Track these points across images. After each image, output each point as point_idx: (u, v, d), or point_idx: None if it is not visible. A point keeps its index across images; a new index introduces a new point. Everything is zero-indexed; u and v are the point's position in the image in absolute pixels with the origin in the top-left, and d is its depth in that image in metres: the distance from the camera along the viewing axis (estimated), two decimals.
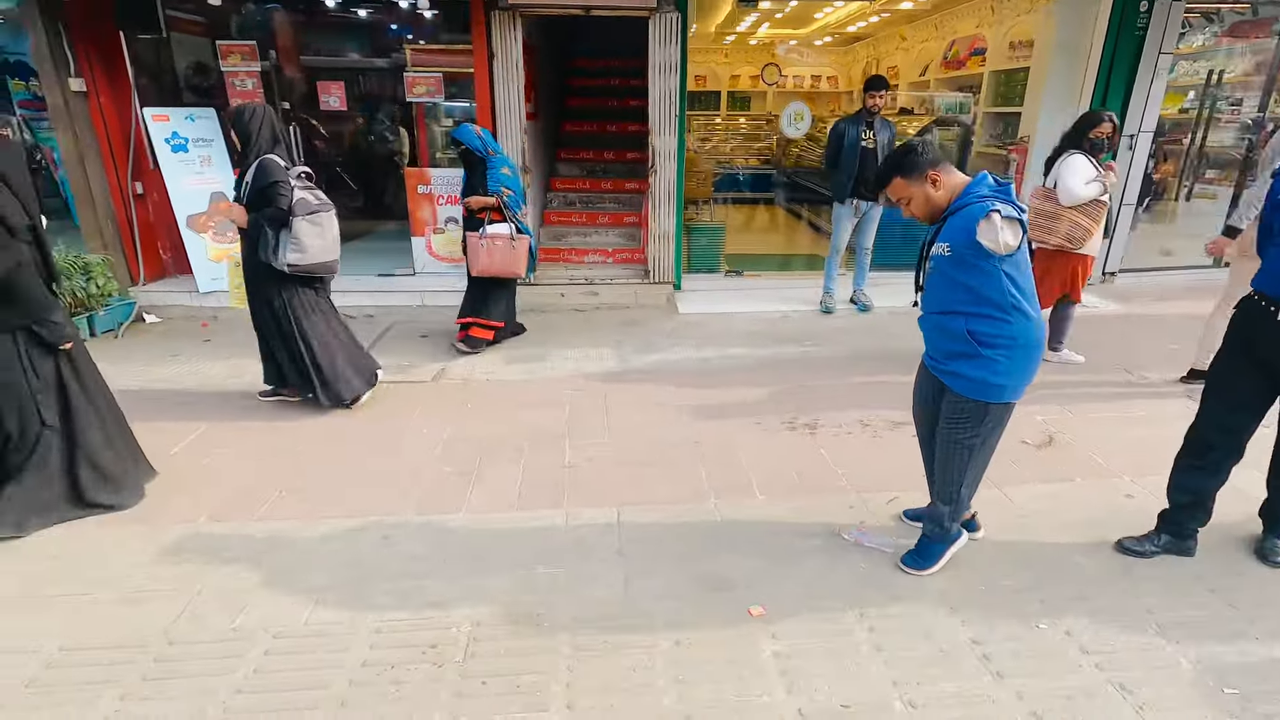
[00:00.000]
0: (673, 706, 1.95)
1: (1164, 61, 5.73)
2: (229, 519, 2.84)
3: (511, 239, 4.50)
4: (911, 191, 2.21)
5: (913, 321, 5.52)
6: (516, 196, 4.54)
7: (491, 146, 4.50)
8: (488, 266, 4.52)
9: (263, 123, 3.38)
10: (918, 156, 2.18)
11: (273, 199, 3.32)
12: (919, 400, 2.60)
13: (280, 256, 3.41)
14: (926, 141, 2.26)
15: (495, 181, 4.45)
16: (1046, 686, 2.01)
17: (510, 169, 4.57)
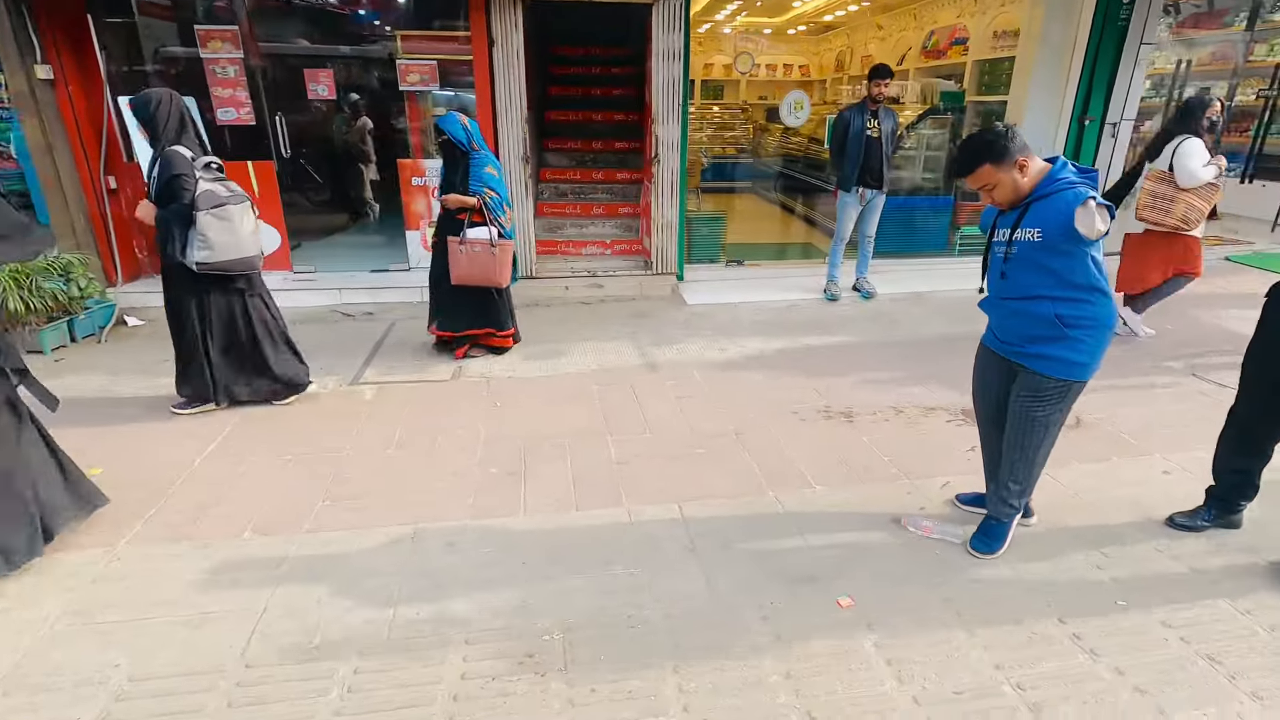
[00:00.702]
0: (790, 703, 1.94)
1: (1144, 52, 5.94)
2: (275, 532, 2.70)
3: (492, 245, 4.08)
4: (999, 178, 2.21)
5: (915, 307, 5.65)
6: (501, 199, 4.14)
7: (477, 141, 4.09)
8: (467, 274, 4.12)
9: (170, 111, 3.20)
10: (1009, 142, 2.18)
11: (176, 194, 3.15)
12: (982, 385, 2.62)
13: (189, 255, 3.23)
14: (1012, 128, 2.27)
15: (478, 181, 4.05)
16: (1141, 661, 2.07)
17: (495, 169, 4.16)
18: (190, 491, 2.97)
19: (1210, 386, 4.06)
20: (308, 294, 5.58)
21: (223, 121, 5.40)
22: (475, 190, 4.05)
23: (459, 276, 4.14)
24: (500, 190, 4.15)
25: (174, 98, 3.26)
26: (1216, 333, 4.88)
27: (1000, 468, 2.55)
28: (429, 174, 5.79)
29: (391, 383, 4.12)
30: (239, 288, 3.51)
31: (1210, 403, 3.83)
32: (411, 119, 5.87)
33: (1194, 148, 4.09)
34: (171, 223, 3.21)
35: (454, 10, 5.34)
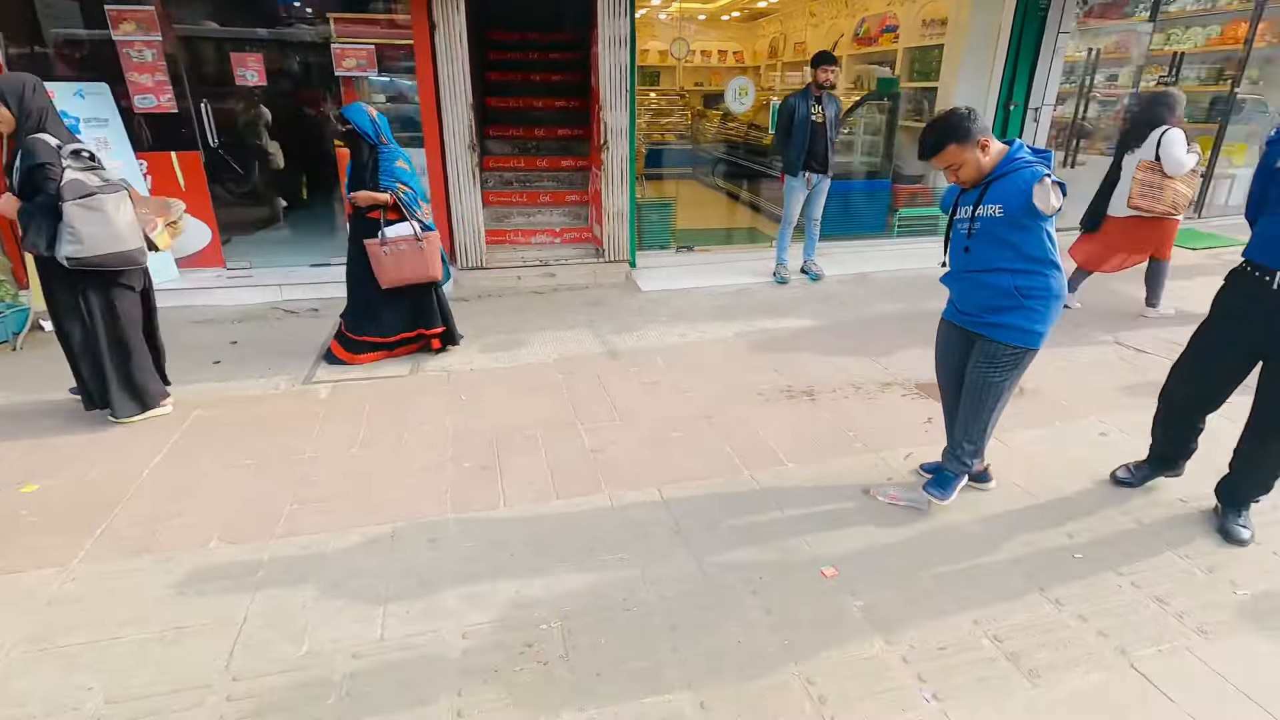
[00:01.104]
0: (795, 671, 2.01)
1: (1062, 41, 6.30)
2: (244, 539, 2.59)
3: (418, 238, 3.90)
4: (965, 157, 2.33)
5: (860, 288, 5.85)
6: (415, 194, 3.95)
7: (385, 134, 3.87)
8: (396, 276, 3.91)
9: (34, 95, 2.97)
10: (971, 124, 2.30)
11: (40, 185, 2.94)
12: (944, 357, 2.76)
13: (58, 250, 3.01)
14: (974, 110, 2.38)
15: (388, 176, 3.84)
16: (1099, 608, 2.25)
17: (406, 162, 3.95)
18: (142, 503, 2.81)
19: (1130, 353, 4.39)
20: (245, 291, 5.31)
21: (141, 109, 5.05)
22: (387, 186, 3.83)
23: (389, 280, 3.92)
24: (414, 185, 3.95)
25: (38, 81, 3.01)
26: (1134, 304, 5.26)
27: (955, 428, 2.70)
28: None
29: (347, 380, 3.98)
30: (125, 284, 3.25)
31: (1132, 368, 4.14)
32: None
33: (1178, 137, 4.37)
34: (35, 216, 2.94)
35: None
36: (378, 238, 3.87)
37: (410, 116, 5.85)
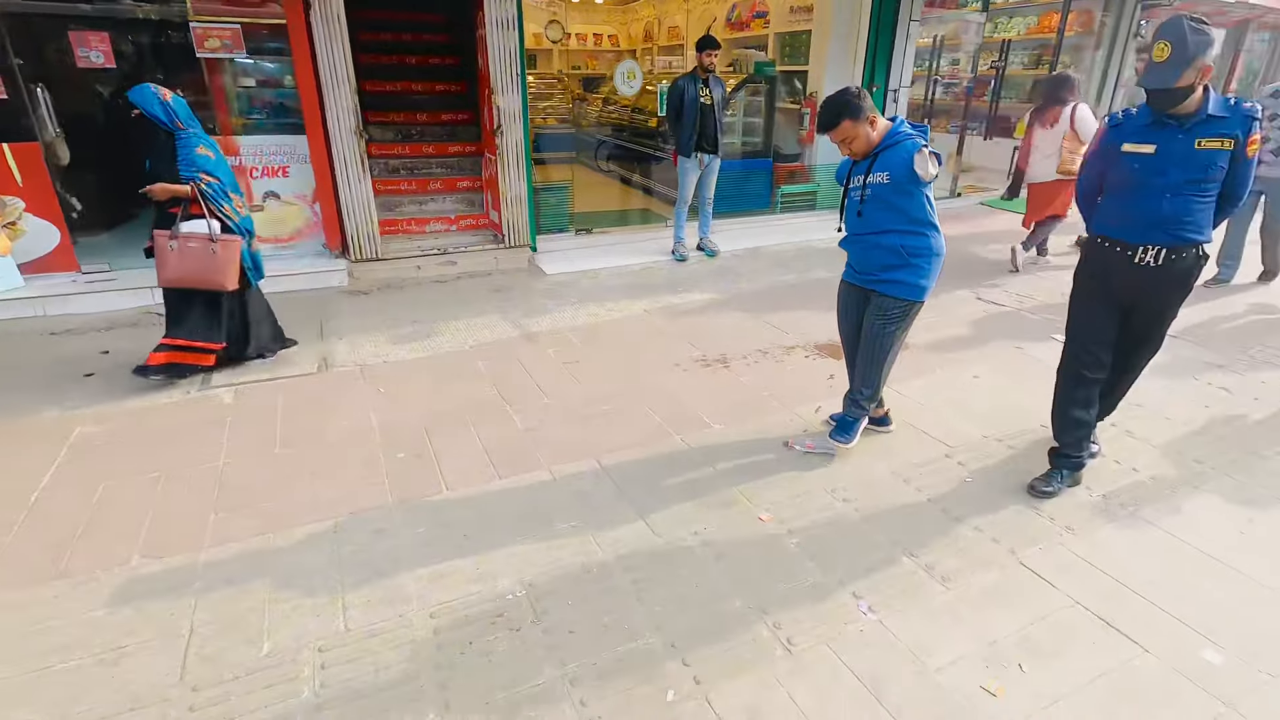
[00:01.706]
0: (750, 605, 2.21)
1: (913, 29, 6.92)
2: (172, 552, 2.45)
3: (212, 239, 3.48)
4: (857, 131, 2.60)
5: (754, 261, 6.19)
6: (223, 185, 3.54)
7: (182, 118, 3.45)
8: (177, 275, 3.49)
9: None
10: (861, 101, 2.57)
11: None
12: (844, 315, 3.05)
13: None
14: (863, 89, 2.66)
15: (188, 165, 3.43)
16: (990, 520, 2.62)
17: (211, 149, 3.54)
18: (39, 528, 2.57)
19: (990, 306, 4.99)
20: (109, 296, 4.83)
21: None
22: (187, 176, 3.43)
23: (168, 278, 3.51)
24: (222, 175, 3.56)
25: None
26: (984, 264, 5.95)
27: (855, 376, 3.01)
28: (244, 151, 5.24)
29: (250, 383, 3.77)
30: None
31: (991, 320, 4.72)
32: (215, 91, 5.22)
33: (1086, 112, 5.16)
34: None
35: None
36: (171, 229, 3.47)
37: (284, 102, 5.52)
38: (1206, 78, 2.26)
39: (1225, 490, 2.81)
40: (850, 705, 1.87)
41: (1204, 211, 2.42)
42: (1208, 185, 2.38)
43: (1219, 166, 2.34)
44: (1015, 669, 1.98)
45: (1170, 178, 2.37)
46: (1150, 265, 2.46)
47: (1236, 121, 2.30)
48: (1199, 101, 2.29)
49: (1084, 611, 2.19)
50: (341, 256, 5.54)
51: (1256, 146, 2.35)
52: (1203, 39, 2.19)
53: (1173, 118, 2.33)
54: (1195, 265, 2.49)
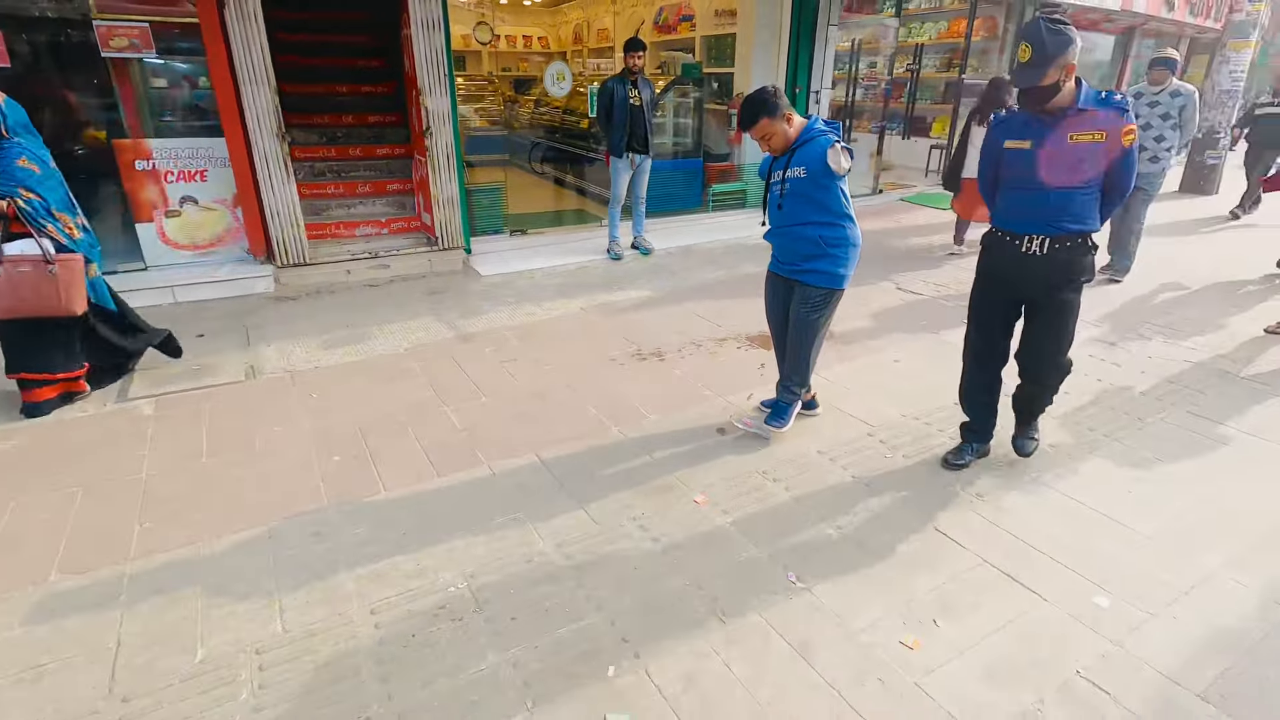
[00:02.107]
0: (687, 581, 2.30)
1: (832, 33, 7.21)
2: (93, 567, 2.36)
3: (48, 260, 3.11)
4: (775, 129, 2.74)
5: (686, 259, 6.33)
6: (46, 203, 3.15)
7: (9, 126, 3.09)
8: (15, 305, 3.11)
9: None
10: (778, 100, 2.72)
11: None
12: (771, 305, 3.20)
13: None
14: (779, 89, 2.80)
15: (8, 179, 3.06)
16: (908, 490, 2.80)
17: (35, 161, 3.15)
18: None
19: (909, 295, 5.27)
20: None
21: None
22: (5, 192, 3.06)
23: (4, 309, 3.12)
24: (46, 192, 3.17)
25: None
26: (904, 254, 6.26)
27: (784, 364, 3.16)
28: (158, 155, 5.03)
29: (173, 393, 3.64)
30: None
31: (909, 308, 4.99)
32: (123, 92, 4.99)
33: None
34: None
35: None
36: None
37: (199, 104, 5.32)
38: (1071, 74, 2.37)
39: (1115, 454, 3.08)
40: (781, 668, 1.98)
41: (1084, 203, 2.52)
42: (1085, 177, 2.47)
43: (1093, 159, 2.45)
44: (930, 624, 2.14)
45: (1046, 171, 2.49)
46: (1036, 254, 2.59)
47: (1106, 115, 2.42)
48: (1070, 97, 2.41)
49: (991, 569, 2.38)
50: (267, 262, 5.38)
51: (1132, 137, 2.43)
52: (1061, 38, 2.31)
53: (1046, 114, 2.46)
54: (1081, 255, 2.58)
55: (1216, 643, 2.08)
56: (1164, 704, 1.88)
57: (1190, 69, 14.03)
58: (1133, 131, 2.44)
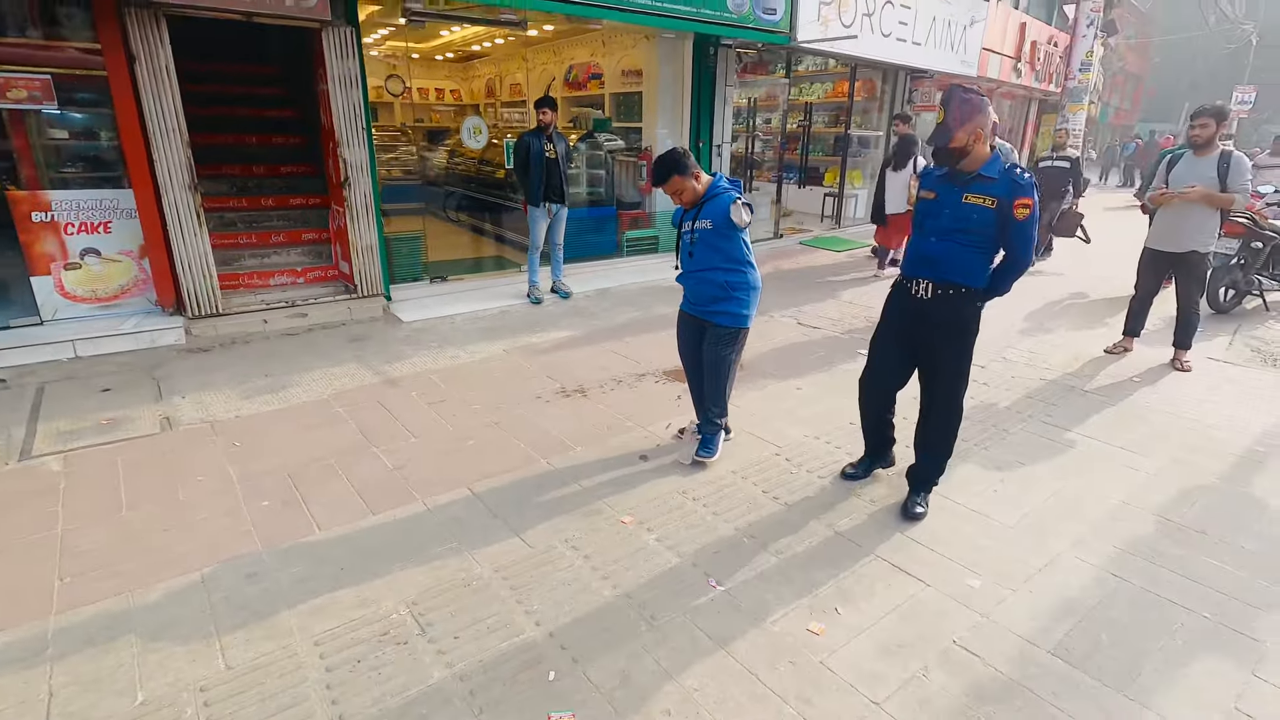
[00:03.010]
0: (618, 593, 2.50)
1: (729, 92, 7.86)
2: (11, 624, 2.31)
3: None
4: (685, 185, 3.09)
5: (604, 301, 6.65)
6: None
7: None
8: None
9: None
10: (688, 160, 3.07)
11: None
12: (683, 341, 3.51)
13: None
14: (687, 150, 3.17)
15: None
16: (816, 502, 3.13)
17: None
18: None
19: (809, 329, 5.76)
20: None
21: None
22: None
23: None
24: None
25: None
26: (804, 294, 6.82)
27: (704, 398, 3.47)
28: (57, 207, 4.89)
29: (82, 448, 3.54)
30: None
31: (808, 339, 5.46)
32: (19, 143, 4.85)
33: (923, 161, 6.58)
34: None
35: (71, 19, 4.61)
36: None
37: (101, 156, 5.21)
38: (980, 140, 2.60)
39: (983, 460, 3.55)
40: (705, 660, 2.21)
41: (971, 258, 2.70)
42: (971, 236, 2.66)
43: (981, 221, 2.63)
44: (833, 612, 2.43)
45: (940, 222, 2.73)
46: (923, 298, 2.82)
47: (1002, 185, 2.59)
48: (979, 162, 2.63)
49: (882, 562, 2.71)
50: (176, 313, 5.27)
51: (1025, 211, 2.56)
52: (968, 108, 2.58)
53: (958, 173, 2.69)
54: (963, 305, 2.76)
55: (1063, 610, 2.47)
56: (1023, 661, 2.23)
57: (1042, 128, 15.96)
58: (1027, 205, 2.57)
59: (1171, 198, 4.62)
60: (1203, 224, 4.64)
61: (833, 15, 7.76)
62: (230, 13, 4.89)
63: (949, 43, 9.94)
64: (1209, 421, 4.05)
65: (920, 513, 3.01)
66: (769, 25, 7.09)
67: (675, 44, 7.60)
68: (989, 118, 2.62)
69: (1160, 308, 5.07)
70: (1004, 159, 2.66)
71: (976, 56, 10.74)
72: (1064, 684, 2.14)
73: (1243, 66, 25.69)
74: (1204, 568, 2.72)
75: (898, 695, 2.09)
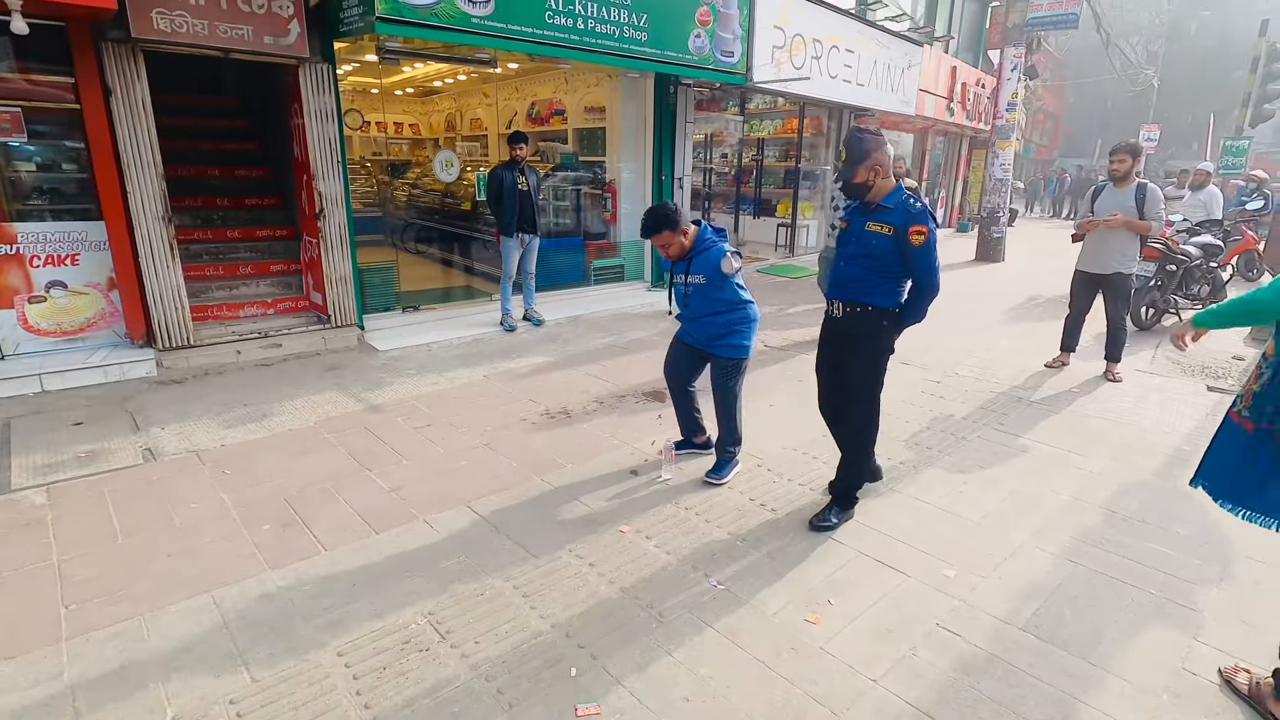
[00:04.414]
0: (627, 594, 2.64)
1: (689, 128, 8.24)
2: (21, 652, 2.30)
3: None
4: (674, 239, 3.30)
5: (576, 327, 6.82)
6: None
7: None
8: None
9: None
10: (677, 216, 3.28)
11: None
12: (674, 365, 3.69)
13: None
14: (677, 206, 3.37)
15: None
16: (794, 507, 3.34)
17: None
18: None
19: (774, 350, 6.04)
20: None
21: None
22: None
23: None
24: None
25: None
26: (769, 317, 7.14)
27: (719, 429, 3.62)
28: (23, 240, 4.81)
29: (65, 480, 3.49)
30: None
31: (775, 360, 5.74)
32: None
33: None
34: None
35: (44, 52, 4.61)
36: None
37: (66, 189, 5.14)
38: (880, 174, 2.84)
39: (947, 465, 3.83)
40: (714, 650, 2.37)
41: (876, 282, 2.92)
42: (874, 260, 2.89)
43: (880, 247, 2.85)
44: (826, 604, 2.62)
45: (848, 249, 3.00)
46: (836, 316, 3.06)
47: (898, 214, 2.81)
48: (883, 193, 2.87)
49: (867, 558, 2.93)
50: (146, 345, 5.20)
51: (920, 238, 2.76)
52: (865, 146, 2.80)
53: (865, 205, 2.95)
54: (871, 325, 2.96)
55: (1030, 592, 2.73)
56: (998, 638, 2.46)
57: (973, 162, 17.02)
58: (921, 232, 2.77)
59: (1097, 224, 5.12)
60: (1124, 248, 5.13)
61: (785, 58, 8.26)
62: (208, 49, 4.97)
63: (889, 84, 10.63)
64: (1142, 425, 4.46)
65: (824, 525, 3.10)
66: (727, 66, 7.51)
67: (638, 83, 7.95)
68: (886, 154, 2.85)
69: (1090, 325, 5.54)
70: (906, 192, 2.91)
71: (914, 96, 11.49)
72: (1036, 655, 2.38)
73: (1147, 107, 27.97)
74: (1147, 552, 3.02)
75: (892, 673, 2.28)
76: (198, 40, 4.85)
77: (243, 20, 4.97)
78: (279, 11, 5.12)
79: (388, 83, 11.36)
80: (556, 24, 5.86)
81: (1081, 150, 36.47)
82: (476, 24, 5.37)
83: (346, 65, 9.10)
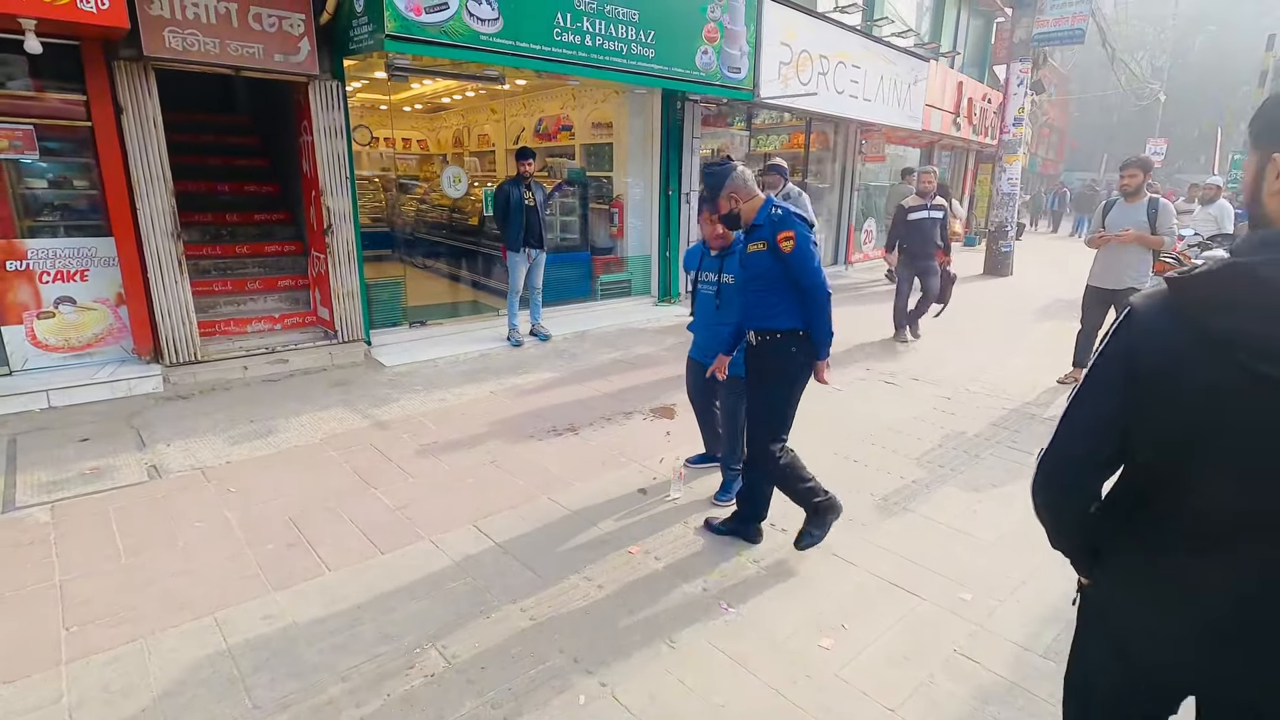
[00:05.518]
0: (636, 618, 2.59)
1: (696, 143, 8.26)
2: (20, 675, 2.27)
3: None
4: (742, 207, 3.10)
5: (583, 343, 6.80)
6: None
7: None
8: None
9: None
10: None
11: None
12: (692, 383, 3.65)
13: None
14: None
15: None
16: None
17: None
18: None
19: None
20: None
21: None
22: None
23: None
24: None
25: None
26: None
27: (724, 449, 3.57)
28: (33, 255, 4.83)
29: (69, 499, 3.47)
30: None
31: None
32: None
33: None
34: None
35: (57, 71, 4.65)
36: None
37: (77, 205, 5.17)
38: (740, 200, 2.85)
39: (960, 483, 3.77)
40: (725, 677, 2.31)
41: (772, 302, 2.81)
42: (762, 280, 2.81)
43: (761, 265, 2.78)
44: (839, 628, 2.56)
45: (741, 277, 2.97)
46: (753, 344, 2.94)
47: (766, 228, 2.77)
48: (753, 213, 2.85)
49: (879, 580, 2.87)
50: (153, 361, 5.20)
51: (789, 244, 2.70)
52: (714, 180, 2.88)
53: (745, 231, 2.93)
54: (781, 347, 2.84)
55: (1049, 616, 2.66)
56: (1019, 665, 2.39)
57: (980, 176, 17.01)
58: (789, 238, 2.71)
59: (1109, 239, 5.07)
60: (1136, 263, 5.08)
61: (791, 74, 8.28)
62: (219, 67, 5.01)
63: (896, 99, 10.65)
64: None
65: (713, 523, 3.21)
66: (734, 82, 7.53)
67: (645, 99, 7.97)
68: (738, 177, 2.87)
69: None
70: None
71: (921, 111, 11.51)
72: (1059, 685, 2.30)
73: (1152, 121, 27.96)
74: None
75: (910, 701, 2.22)
76: (209, 58, 4.89)
77: (254, 39, 5.01)
78: (290, 30, 5.16)
79: (396, 99, 11.46)
80: (564, 41, 5.89)
81: (1087, 164, 36.46)
82: (485, 41, 5.40)
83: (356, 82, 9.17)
